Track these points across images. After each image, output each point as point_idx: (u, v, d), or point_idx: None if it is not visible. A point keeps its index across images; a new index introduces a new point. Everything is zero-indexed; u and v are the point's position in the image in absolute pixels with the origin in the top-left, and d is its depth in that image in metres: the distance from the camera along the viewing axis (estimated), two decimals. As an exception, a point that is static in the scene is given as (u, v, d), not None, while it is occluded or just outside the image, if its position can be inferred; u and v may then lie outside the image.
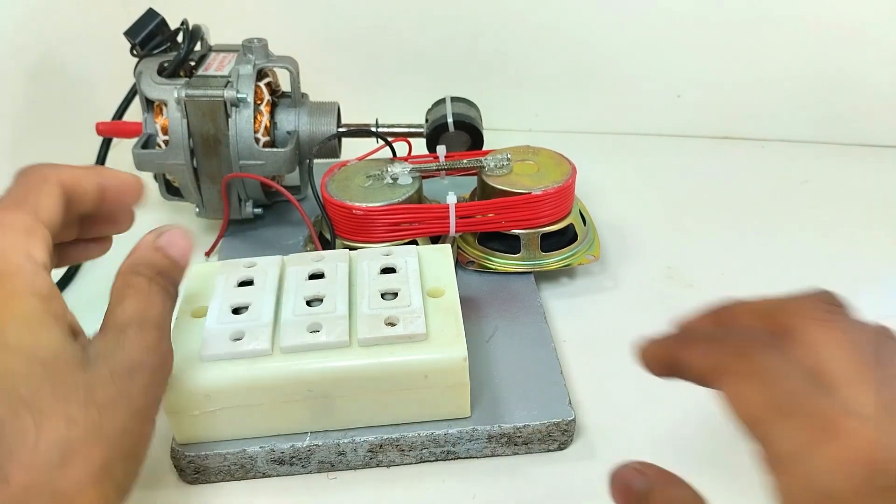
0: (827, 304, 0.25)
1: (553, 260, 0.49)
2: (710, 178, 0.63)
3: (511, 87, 0.70)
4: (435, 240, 0.49)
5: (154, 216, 0.61)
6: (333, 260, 0.42)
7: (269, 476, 0.38)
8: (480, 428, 0.38)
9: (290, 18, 0.70)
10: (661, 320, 0.46)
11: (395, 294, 0.39)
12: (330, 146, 0.54)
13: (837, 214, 0.57)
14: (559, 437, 0.39)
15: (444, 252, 0.44)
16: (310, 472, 0.39)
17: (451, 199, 0.47)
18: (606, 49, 0.67)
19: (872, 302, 0.47)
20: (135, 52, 0.52)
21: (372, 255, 0.42)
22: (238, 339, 0.37)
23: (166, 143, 0.50)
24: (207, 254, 0.54)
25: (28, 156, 0.59)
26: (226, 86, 0.49)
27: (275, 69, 0.55)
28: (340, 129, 0.54)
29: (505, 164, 0.50)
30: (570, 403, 0.39)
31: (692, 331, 0.28)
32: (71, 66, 0.64)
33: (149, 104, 0.51)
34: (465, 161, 0.50)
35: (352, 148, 0.55)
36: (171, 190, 0.55)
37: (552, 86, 0.69)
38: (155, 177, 0.54)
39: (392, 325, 0.37)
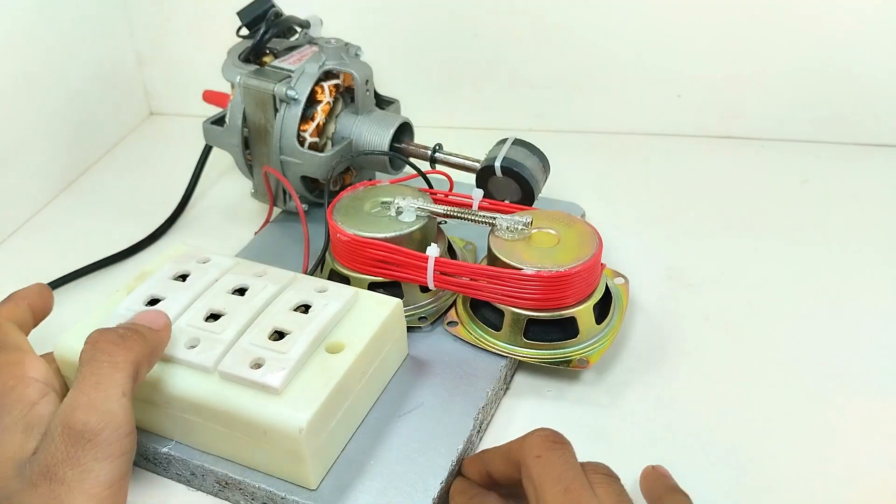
0: (546, 441, 0.31)
1: (530, 352, 0.42)
2: (710, 178, 0.62)
3: (511, 87, 0.69)
4: (425, 288, 0.45)
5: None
6: (271, 280, 0.40)
7: (138, 465, 0.39)
8: (318, 506, 0.35)
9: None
10: (661, 321, 0.48)
11: (283, 335, 0.37)
12: (378, 160, 0.52)
13: (837, 214, 0.57)
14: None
15: (386, 307, 0.40)
16: (170, 478, 0.39)
17: (432, 252, 0.42)
18: (607, 49, 0.67)
19: (872, 301, 0.48)
20: (240, 32, 0.55)
21: (304, 287, 0.40)
22: (128, 330, 0.37)
23: (232, 122, 0.52)
24: (256, 233, 0.56)
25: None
26: (282, 80, 0.50)
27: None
28: (399, 146, 0.52)
29: (519, 228, 0.43)
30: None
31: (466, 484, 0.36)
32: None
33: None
34: (480, 214, 0.45)
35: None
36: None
37: (552, 86, 0.69)
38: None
39: (258, 366, 0.35)
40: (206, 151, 0.62)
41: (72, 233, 0.60)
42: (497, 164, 0.48)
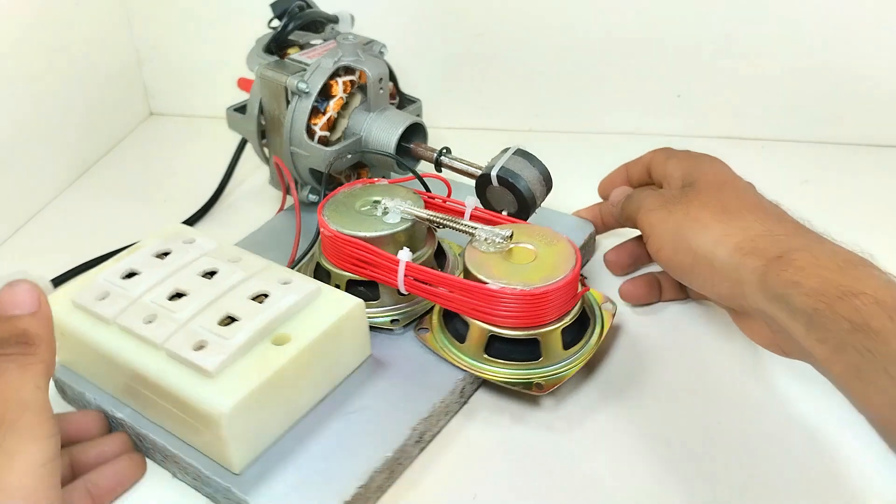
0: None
1: (491, 369, 0.41)
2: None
3: (511, 87, 0.70)
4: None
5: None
6: (243, 266, 0.41)
7: (104, 426, 0.41)
8: (236, 491, 0.35)
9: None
10: (661, 323, 0.48)
11: (232, 321, 0.38)
12: (384, 158, 0.52)
13: (837, 214, 0.55)
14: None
15: (344, 306, 0.40)
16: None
17: (403, 256, 0.42)
18: (607, 49, 0.67)
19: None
20: (271, 24, 0.57)
21: (270, 277, 0.41)
22: (101, 300, 0.39)
23: (254, 110, 0.54)
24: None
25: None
26: (296, 73, 0.51)
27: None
28: (408, 146, 0.52)
29: (498, 241, 0.42)
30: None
31: None
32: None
33: (260, 72, 0.55)
34: (463, 222, 0.44)
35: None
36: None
37: (552, 86, 0.70)
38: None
39: (200, 348, 0.36)
40: (242, 145, 0.63)
41: (72, 232, 0.61)
42: (493, 172, 0.47)
